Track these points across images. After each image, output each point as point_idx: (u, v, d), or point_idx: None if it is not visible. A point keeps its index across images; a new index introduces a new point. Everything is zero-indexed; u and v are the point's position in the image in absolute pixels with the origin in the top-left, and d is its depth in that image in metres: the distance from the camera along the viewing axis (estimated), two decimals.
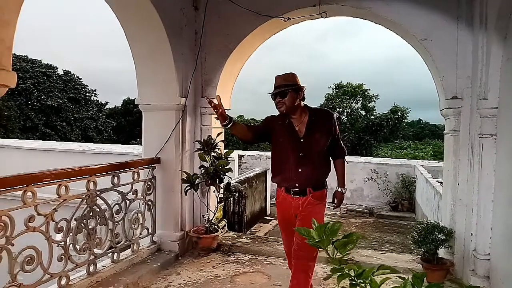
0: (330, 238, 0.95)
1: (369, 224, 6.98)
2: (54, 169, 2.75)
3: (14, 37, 2.19)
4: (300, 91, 2.72)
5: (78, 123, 28.25)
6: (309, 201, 2.68)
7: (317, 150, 2.71)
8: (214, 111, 2.64)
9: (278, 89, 2.69)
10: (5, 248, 2.33)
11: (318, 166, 2.72)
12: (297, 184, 2.69)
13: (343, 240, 0.96)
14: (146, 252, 3.87)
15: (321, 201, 2.75)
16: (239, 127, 2.78)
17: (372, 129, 24.85)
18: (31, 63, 26.64)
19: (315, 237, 0.97)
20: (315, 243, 0.97)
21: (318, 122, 2.74)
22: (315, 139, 2.70)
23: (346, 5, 4.05)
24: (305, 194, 2.69)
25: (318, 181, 2.73)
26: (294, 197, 2.71)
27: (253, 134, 2.83)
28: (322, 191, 2.76)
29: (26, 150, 8.79)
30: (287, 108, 2.67)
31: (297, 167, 2.69)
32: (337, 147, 2.86)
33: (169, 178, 4.15)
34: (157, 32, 3.91)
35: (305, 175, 2.68)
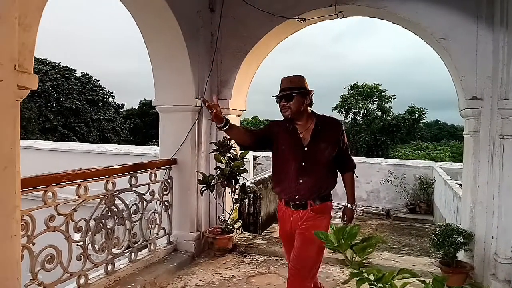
0: (348, 241, 0.94)
1: (386, 227, 6.90)
2: (74, 170, 2.81)
3: (36, 41, 2.24)
4: (308, 96, 2.50)
5: (96, 124, 28.72)
6: (309, 215, 2.46)
7: (321, 161, 2.48)
8: (208, 111, 2.48)
9: (283, 92, 2.49)
10: (27, 247, 2.38)
11: (321, 178, 2.48)
12: (296, 196, 2.47)
13: (363, 244, 0.94)
14: (162, 252, 3.91)
15: (324, 214, 2.51)
16: (237, 130, 2.60)
17: (389, 130, 24.59)
18: (50, 66, 27.21)
19: (334, 240, 0.96)
20: (334, 247, 0.96)
21: (325, 130, 2.52)
22: (320, 148, 2.48)
23: (363, 5, 4.02)
24: (306, 207, 2.47)
25: (320, 194, 2.48)
26: (294, 211, 2.49)
27: (252, 139, 2.59)
28: (325, 204, 2.51)
29: (46, 151, 8.99)
30: (292, 113, 2.47)
31: (298, 177, 2.47)
32: (345, 160, 2.63)
33: (185, 179, 4.18)
34: (174, 34, 3.95)
35: (306, 187, 2.45)
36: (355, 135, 25.44)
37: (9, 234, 1.88)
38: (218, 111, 2.45)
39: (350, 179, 2.68)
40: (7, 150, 1.87)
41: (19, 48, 1.98)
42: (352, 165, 2.68)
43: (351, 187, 2.69)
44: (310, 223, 2.44)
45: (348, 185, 2.69)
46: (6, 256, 1.87)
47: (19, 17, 1.97)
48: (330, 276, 3.73)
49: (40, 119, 25.74)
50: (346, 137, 2.63)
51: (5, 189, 1.87)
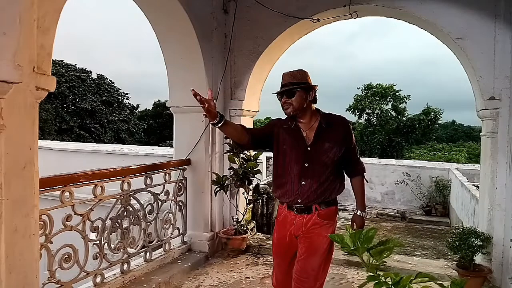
0: (365, 245, 0.93)
1: (401, 229, 6.82)
2: (91, 170, 2.85)
3: (53, 43, 2.28)
4: (311, 91, 2.32)
5: (111, 125, 29.09)
6: (315, 221, 2.27)
7: (325, 162, 2.29)
8: (201, 106, 2.23)
9: (285, 87, 2.31)
10: (45, 245, 2.43)
11: (326, 181, 2.29)
12: (299, 199, 2.29)
13: (380, 247, 0.93)
14: (177, 252, 3.94)
15: (330, 221, 2.33)
16: (233, 127, 2.40)
17: (404, 131, 24.31)
18: (66, 68, 27.66)
19: (350, 244, 0.95)
20: (350, 250, 0.96)
21: (330, 129, 2.33)
22: (324, 148, 2.30)
23: (378, 5, 3.99)
24: (310, 211, 2.29)
25: (325, 198, 2.30)
26: (297, 215, 2.30)
27: (250, 137, 2.38)
28: (331, 209, 2.33)
29: (62, 151, 9.14)
30: (295, 110, 2.28)
31: (300, 179, 2.29)
32: (353, 162, 2.43)
33: (199, 179, 4.21)
34: (188, 36, 3.98)
35: (309, 190, 2.27)
36: (369, 136, 25.22)
37: (28, 233, 1.92)
38: (211, 106, 2.23)
39: (359, 184, 2.46)
40: (26, 150, 1.91)
41: (37, 51, 2.02)
42: (361, 168, 2.47)
43: (360, 192, 2.47)
44: (316, 231, 2.27)
45: (357, 190, 2.47)
46: (25, 254, 1.91)
47: (38, 20, 2.01)
48: (344, 278, 3.70)
49: (56, 120, 26.19)
50: (354, 137, 2.44)
51: (24, 188, 1.91)
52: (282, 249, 2.41)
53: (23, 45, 1.78)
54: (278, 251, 2.45)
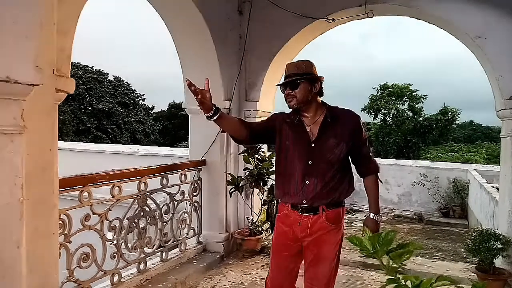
0: (384, 247, 0.91)
1: (418, 231, 6.71)
2: (109, 171, 2.89)
3: (72, 46, 2.33)
4: (316, 83, 2.16)
5: (127, 126, 29.46)
6: (322, 225, 2.12)
7: (330, 160, 2.13)
8: (194, 97, 2.06)
9: (288, 78, 2.16)
10: (64, 245, 2.47)
11: (331, 181, 2.13)
12: (304, 200, 2.13)
13: (400, 250, 0.92)
14: (192, 252, 3.97)
15: (337, 225, 2.17)
16: (229, 121, 2.25)
17: (420, 131, 23.97)
18: (84, 70, 28.12)
19: (369, 247, 0.94)
20: (369, 253, 0.94)
21: (336, 124, 2.16)
22: (329, 145, 2.13)
23: (394, 4, 3.95)
24: (317, 212, 2.13)
25: (332, 199, 2.15)
26: (302, 215, 2.14)
27: (249, 132, 2.22)
28: (338, 210, 2.18)
29: (80, 152, 9.29)
30: (298, 102, 2.12)
31: (304, 178, 2.14)
32: (364, 160, 2.24)
33: (214, 180, 4.23)
34: (204, 37, 4.01)
35: (313, 190, 2.12)
36: (384, 137, 24.95)
37: (48, 232, 1.95)
38: (205, 97, 2.05)
39: (372, 184, 2.26)
40: (46, 151, 1.95)
41: (57, 53, 2.06)
42: (374, 166, 2.27)
43: (373, 193, 2.26)
44: (323, 237, 2.13)
45: (370, 191, 2.27)
46: (45, 253, 1.94)
47: (57, 23, 2.05)
48: (360, 280, 3.67)
49: (74, 121, 26.65)
50: (365, 132, 2.25)
51: (45, 189, 1.94)
52: (282, 248, 2.24)
53: (44, 48, 1.82)
54: (278, 250, 2.27)
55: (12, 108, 1.60)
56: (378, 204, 2.28)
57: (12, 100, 1.60)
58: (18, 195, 1.63)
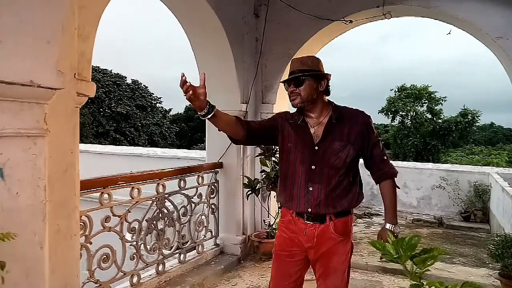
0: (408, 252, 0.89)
1: (438, 235, 6.57)
2: (128, 173, 2.93)
3: (93, 50, 2.37)
4: (323, 80, 2.00)
5: (144, 128, 29.84)
6: (330, 236, 1.96)
7: (335, 164, 1.95)
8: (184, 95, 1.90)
9: (292, 75, 2.01)
10: (85, 246, 2.51)
11: (336, 187, 1.95)
12: (309, 209, 1.96)
13: (424, 256, 0.89)
14: (210, 254, 3.98)
15: (346, 237, 2.01)
16: (225, 120, 2.05)
17: (440, 134, 23.54)
18: (103, 73, 28.61)
19: (392, 251, 0.92)
20: (392, 258, 0.92)
21: (342, 125, 1.99)
22: (333, 148, 1.96)
23: (412, 5, 3.89)
24: (324, 221, 1.96)
25: (340, 207, 1.97)
26: (308, 224, 1.98)
27: (246, 132, 2.05)
28: (346, 219, 2.01)
29: (99, 154, 9.45)
30: (302, 101, 1.97)
31: (307, 184, 1.97)
32: (377, 164, 2.04)
33: (231, 182, 4.24)
34: (220, 40, 4.04)
35: (318, 197, 1.95)
36: (402, 139, 24.58)
37: (70, 233, 1.99)
38: (196, 94, 1.87)
39: (387, 190, 2.04)
40: (68, 154, 1.99)
41: (78, 58, 2.11)
42: (389, 171, 2.04)
43: (390, 200, 2.04)
44: (332, 250, 1.97)
45: (386, 199, 2.05)
46: (67, 254, 1.98)
47: (78, 28, 2.09)
48: (379, 285, 3.62)
49: (93, 124, 27.12)
50: (377, 134, 2.07)
51: (66, 190, 1.98)
52: (286, 255, 2.07)
53: (65, 52, 1.86)
54: (281, 257, 2.09)
55: (35, 111, 1.64)
56: (395, 213, 2.04)
57: (35, 104, 1.64)
58: (41, 197, 1.67)
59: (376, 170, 2.05)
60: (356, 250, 4.57)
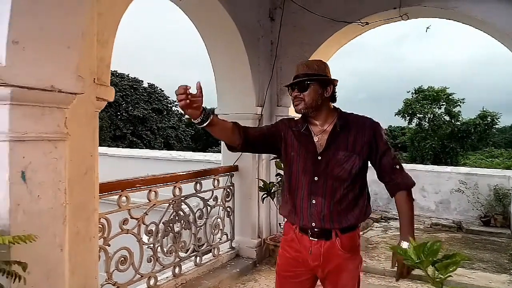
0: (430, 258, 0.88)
1: (457, 240, 6.44)
2: (146, 176, 2.97)
3: (112, 55, 2.41)
4: (329, 86, 1.88)
5: (161, 132, 30.16)
6: (337, 253, 1.83)
7: (339, 176, 1.83)
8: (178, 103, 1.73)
9: (297, 79, 1.89)
10: (103, 248, 2.54)
11: (342, 200, 1.82)
12: (313, 223, 1.83)
13: (446, 261, 0.88)
14: (225, 257, 3.99)
15: (354, 252, 1.89)
16: (221, 127, 1.89)
17: (458, 136, 23.13)
18: (120, 78, 29.04)
19: (413, 257, 0.90)
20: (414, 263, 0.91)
21: (347, 133, 1.86)
22: (337, 158, 1.83)
23: (430, 6, 3.85)
24: (329, 237, 1.83)
25: (346, 223, 1.84)
26: (313, 241, 1.84)
27: (242, 139, 1.91)
28: (353, 234, 1.88)
29: (117, 157, 9.59)
30: (306, 107, 1.85)
31: (310, 196, 1.85)
32: (387, 174, 1.87)
33: (246, 185, 4.24)
34: (236, 44, 4.06)
35: (321, 211, 1.82)
36: (420, 142, 24.23)
37: (89, 235, 2.02)
38: (192, 104, 1.70)
39: (401, 203, 1.85)
40: (88, 157, 2.03)
41: (97, 63, 2.15)
42: (402, 181, 1.86)
43: (405, 214, 1.84)
44: (341, 266, 1.85)
45: (400, 212, 1.86)
46: (86, 256, 2.01)
47: (97, 34, 2.14)
48: None
49: (111, 127, 27.54)
50: (387, 142, 1.91)
51: (86, 193, 2.02)
52: (292, 276, 1.93)
53: (85, 58, 1.90)
54: (285, 278, 1.96)
55: (56, 115, 1.68)
56: (411, 229, 1.81)
57: (56, 108, 1.68)
58: (61, 200, 1.70)
59: (388, 180, 1.89)
60: (373, 255, 4.52)
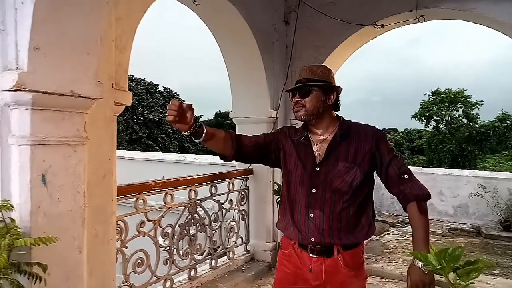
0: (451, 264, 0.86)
1: (476, 245, 6.31)
2: (162, 179, 2.99)
3: (129, 61, 2.45)
4: (332, 93, 1.79)
5: (175, 135, 30.42)
6: (340, 270, 1.70)
7: (340, 188, 1.71)
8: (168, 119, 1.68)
9: (299, 84, 1.80)
10: (120, 250, 2.57)
11: (341, 215, 1.70)
12: (312, 238, 1.72)
13: (468, 268, 0.86)
14: (240, 260, 3.99)
15: (359, 269, 1.76)
16: (214, 141, 1.80)
17: (476, 139, 22.67)
18: (136, 82, 29.43)
19: (435, 263, 0.89)
20: (435, 269, 0.89)
21: (348, 143, 1.75)
22: (337, 169, 1.72)
23: (447, 8, 3.80)
24: (330, 254, 1.71)
25: (347, 239, 1.71)
26: (313, 258, 1.72)
27: (235, 150, 1.84)
28: (356, 250, 1.75)
29: (133, 160, 9.72)
30: (307, 114, 1.76)
31: (308, 209, 1.74)
32: (395, 184, 1.72)
33: (261, 189, 4.25)
34: (251, 48, 4.08)
35: (320, 226, 1.70)
36: (437, 145, 23.84)
37: (107, 238, 2.05)
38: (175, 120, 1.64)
39: (413, 215, 1.67)
40: (106, 161, 2.06)
41: (115, 68, 2.19)
42: (411, 192, 1.69)
43: (418, 228, 1.65)
44: (345, 284, 1.73)
45: (413, 225, 1.68)
46: (104, 258, 2.04)
47: (115, 40, 2.18)
48: None
49: (127, 131, 27.90)
50: (390, 149, 1.77)
51: (104, 196, 2.05)
52: None
53: (104, 63, 1.93)
54: None
55: (75, 120, 1.71)
56: (425, 245, 1.61)
57: (75, 113, 1.71)
58: (80, 202, 1.73)
59: (397, 192, 1.73)
60: (390, 260, 4.46)
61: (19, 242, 1.35)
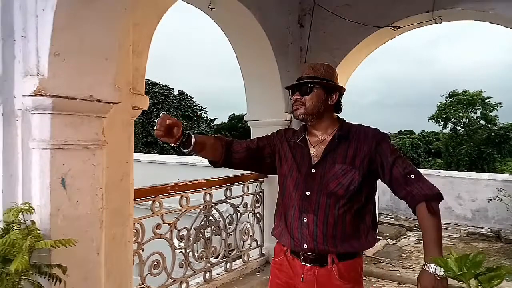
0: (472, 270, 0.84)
1: (495, 250, 6.18)
2: (178, 182, 3.02)
3: (146, 65, 2.49)
4: (334, 93, 1.71)
5: None
6: (334, 282, 1.60)
7: (336, 192, 1.61)
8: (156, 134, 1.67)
9: (300, 81, 1.74)
10: (137, 252, 2.60)
11: (337, 221, 1.59)
12: (304, 245, 1.62)
13: (490, 274, 0.84)
14: (255, 263, 3.99)
15: (356, 283, 1.64)
16: (206, 149, 1.80)
17: (495, 141, 22.22)
18: (151, 85, 29.80)
19: (455, 269, 0.87)
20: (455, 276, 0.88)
21: (347, 145, 1.65)
22: (333, 172, 1.63)
23: (464, 8, 3.74)
24: (324, 263, 1.61)
25: (342, 246, 1.61)
26: (305, 266, 1.64)
27: (224, 156, 1.83)
28: (353, 262, 1.64)
29: (148, 163, 9.84)
30: (306, 113, 1.69)
31: (301, 214, 1.65)
32: (401, 185, 1.60)
33: (275, 192, 4.17)
34: (265, 52, 4.09)
35: (313, 231, 1.61)
36: (455, 147, 23.45)
37: (124, 240, 2.08)
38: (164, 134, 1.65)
39: (423, 217, 1.54)
40: (123, 164, 2.09)
41: (133, 73, 2.22)
42: (419, 192, 1.55)
43: (428, 231, 1.53)
44: None
45: (423, 228, 1.56)
46: (121, 260, 2.07)
47: (133, 44, 2.21)
48: None
49: (143, 134, 28.24)
50: (393, 150, 1.65)
51: (121, 199, 2.08)
52: None
53: (121, 68, 1.97)
54: None
55: (94, 124, 1.75)
56: (438, 249, 1.49)
57: (94, 117, 1.75)
58: (98, 205, 1.76)
59: (405, 195, 1.60)
60: (407, 264, 4.40)
61: (40, 244, 1.38)
